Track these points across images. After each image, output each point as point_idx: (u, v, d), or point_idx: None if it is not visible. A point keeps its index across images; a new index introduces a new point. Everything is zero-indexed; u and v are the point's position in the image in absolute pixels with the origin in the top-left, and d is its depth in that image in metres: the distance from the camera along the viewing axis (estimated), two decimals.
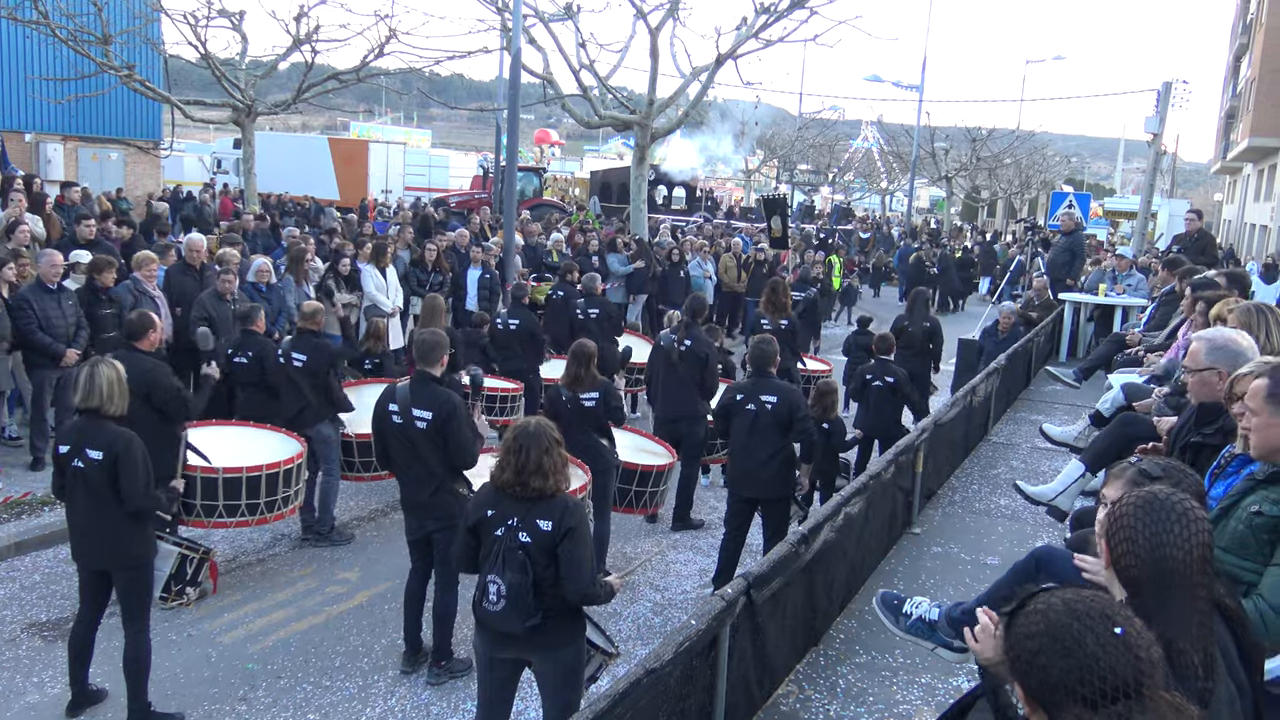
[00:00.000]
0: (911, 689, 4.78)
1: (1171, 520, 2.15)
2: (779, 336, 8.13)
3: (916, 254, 26.12)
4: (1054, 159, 55.29)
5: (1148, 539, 2.14)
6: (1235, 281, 6.91)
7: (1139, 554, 2.15)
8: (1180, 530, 2.14)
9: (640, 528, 8.70)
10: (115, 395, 5.09)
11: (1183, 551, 2.13)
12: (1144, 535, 2.14)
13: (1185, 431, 4.04)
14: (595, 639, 4.60)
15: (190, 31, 18.00)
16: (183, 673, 5.93)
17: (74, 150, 23.01)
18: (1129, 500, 2.22)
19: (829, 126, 48.42)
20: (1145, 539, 2.14)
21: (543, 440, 4.24)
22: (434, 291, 12.33)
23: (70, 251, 9.98)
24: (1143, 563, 2.14)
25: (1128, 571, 2.17)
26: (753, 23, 17.53)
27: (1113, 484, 2.85)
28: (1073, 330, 13.46)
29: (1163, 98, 18.89)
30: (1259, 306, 4.57)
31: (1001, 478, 8.16)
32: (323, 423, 7.77)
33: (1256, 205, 39.85)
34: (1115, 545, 2.20)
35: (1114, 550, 2.21)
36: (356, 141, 39.75)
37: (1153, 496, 2.21)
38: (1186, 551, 2.13)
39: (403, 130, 62.22)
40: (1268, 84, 35.65)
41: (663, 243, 18.49)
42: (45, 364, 8.66)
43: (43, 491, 8.15)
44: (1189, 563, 2.13)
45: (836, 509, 5.28)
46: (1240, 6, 47.09)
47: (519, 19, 13.75)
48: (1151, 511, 2.17)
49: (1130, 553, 2.16)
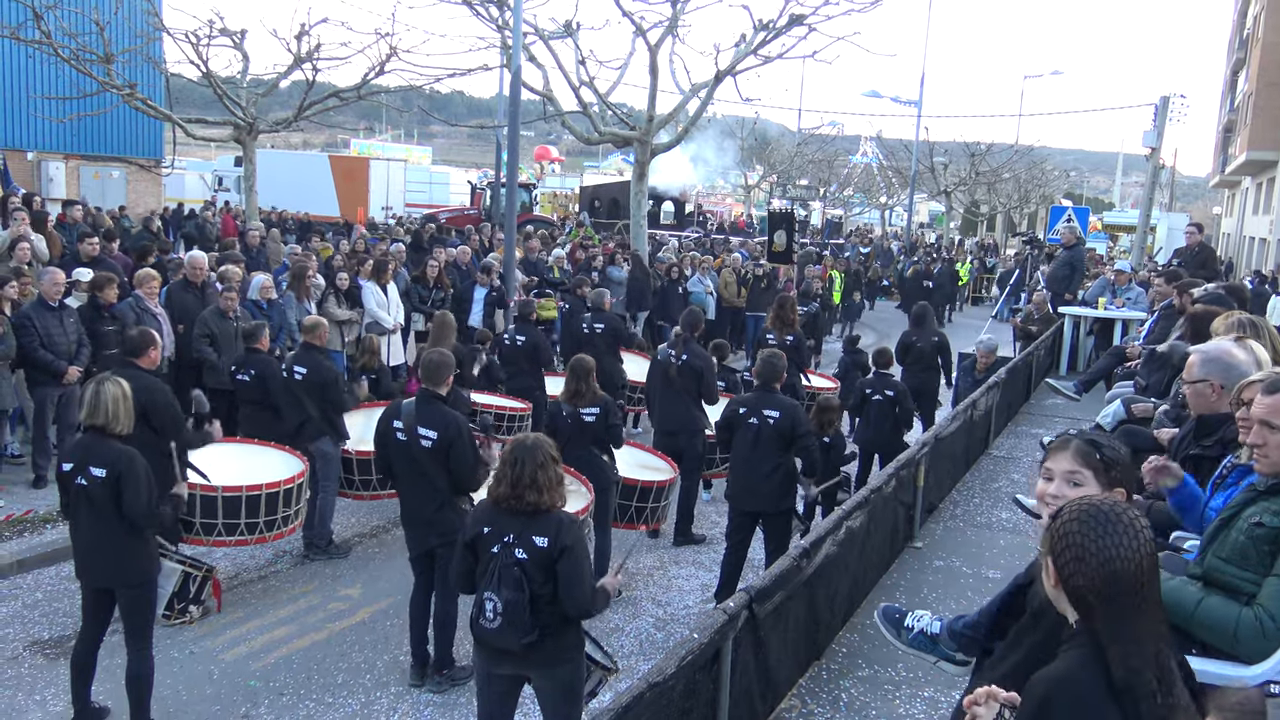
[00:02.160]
0: (914, 702, 4.78)
1: (1119, 531, 2.05)
2: (785, 352, 8.17)
3: (914, 267, 26.22)
4: (1053, 173, 55.46)
5: (1096, 553, 2.04)
6: (1233, 294, 6.93)
7: (1088, 570, 2.05)
8: (1129, 541, 2.04)
9: (642, 542, 8.69)
10: (121, 413, 5.11)
11: (1133, 564, 2.04)
12: (1093, 549, 2.05)
13: (1185, 444, 4.06)
14: (594, 654, 4.60)
15: (192, 50, 18.08)
16: (185, 690, 5.92)
17: (76, 168, 23.11)
18: (1071, 514, 2.11)
19: (828, 142, 48.56)
20: (1094, 553, 2.05)
21: (538, 455, 4.25)
22: (435, 308, 12.38)
23: (73, 269, 10.02)
24: (1092, 578, 2.05)
25: (1077, 589, 2.08)
26: (751, 40, 17.60)
27: (1057, 455, 2.82)
28: (1073, 344, 13.48)
29: (1160, 112, 18.97)
30: (1249, 319, 4.58)
31: (1002, 491, 8.16)
32: (324, 438, 7.78)
33: (1255, 218, 39.93)
34: (1063, 562, 2.09)
35: (1062, 568, 2.10)
36: (357, 159, 39.88)
37: (1095, 508, 2.10)
38: (1136, 563, 2.04)
39: (403, 147, 62.42)
40: (1265, 98, 35.79)
41: (664, 258, 18.54)
42: (47, 381, 8.68)
43: (45, 509, 8.16)
44: (1139, 574, 2.04)
45: (838, 523, 5.29)
46: (1237, 22, 47.33)
47: (519, 37, 13.82)
48: (1097, 524, 2.07)
49: (1079, 570, 2.06)
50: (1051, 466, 2.83)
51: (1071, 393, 8.87)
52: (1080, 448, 2.79)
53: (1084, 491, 2.73)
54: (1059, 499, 2.78)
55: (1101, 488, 2.76)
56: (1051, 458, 2.86)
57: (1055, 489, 2.81)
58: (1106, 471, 2.74)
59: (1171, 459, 4.21)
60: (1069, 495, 2.75)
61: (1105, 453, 2.76)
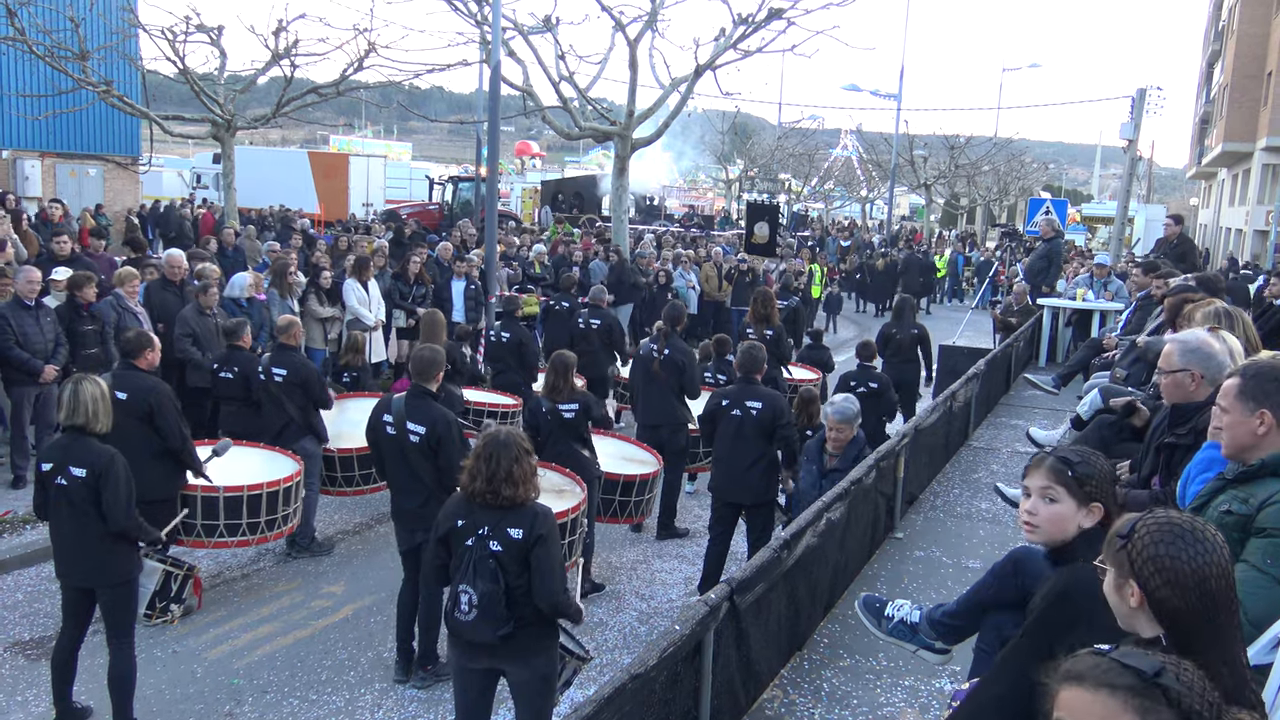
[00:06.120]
0: (895, 691, 4.82)
1: (1204, 545, 2.03)
2: (765, 346, 8.20)
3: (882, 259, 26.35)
4: (1031, 165, 55.78)
5: (1191, 571, 2.00)
6: (1205, 284, 6.99)
7: (1184, 585, 2.00)
8: (1215, 555, 2.03)
9: (625, 537, 8.72)
10: (100, 413, 5.09)
11: (1224, 578, 2.03)
12: (1187, 567, 2.00)
13: (1159, 432, 4.10)
14: (567, 644, 4.63)
15: (168, 46, 17.96)
16: (168, 689, 5.91)
17: (52, 166, 22.88)
18: (1150, 533, 2.06)
19: (808, 135, 48.67)
20: (1189, 571, 2.00)
21: (513, 449, 4.26)
22: (416, 305, 12.36)
23: (51, 269, 9.94)
24: (1188, 594, 1.99)
25: (1174, 611, 2.02)
26: (731, 34, 17.62)
27: (1033, 474, 2.90)
28: (1051, 335, 13.58)
29: (1137, 104, 19.04)
30: (1225, 309, 4.64)
31: (982, 482, 8.22)
32: (306, 438, 7.77)
33: (1231, 209, 40.32)
34: (1153, 584, 2.03)
35: (1153, 590, 2.03)
36: (337, 155, 39.64)
37: (1173, 524, 2.06)
38: (1226, 576, 2.03)
39: (383, 143, 62.01)
40: (1240, 90, 36.13)
41: (643, 253, 18.55)
42: (24, 381, 8.61)
43: (24, 510, 8.11)
44: (1229, 588, 2.04)
45: (819, 514, 5.32)
46: (1212, 14, 47.71)
47: (498, 32, 13.77)
48: (1182, 541, 2.03)
49: (1175, 592, 2.01)
50: (1028, 484, 2.91)
51: (1050, 387, 8.94)
52: (1053, 465, 2.87)
53: (1059, 508, 2.84)
54: (1034, 514, 2.89)
55: (1077, 503, 2.83)
56: (1029, 475, 2.94)
57: (1030, 505, 2.90)
58: (1080, 487, 2.82)
59: (1146, 448, 4.28)
60: (1044, 511, 2.86)
61: (1077, 469, 2.83)
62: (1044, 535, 2.88)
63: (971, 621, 3.59)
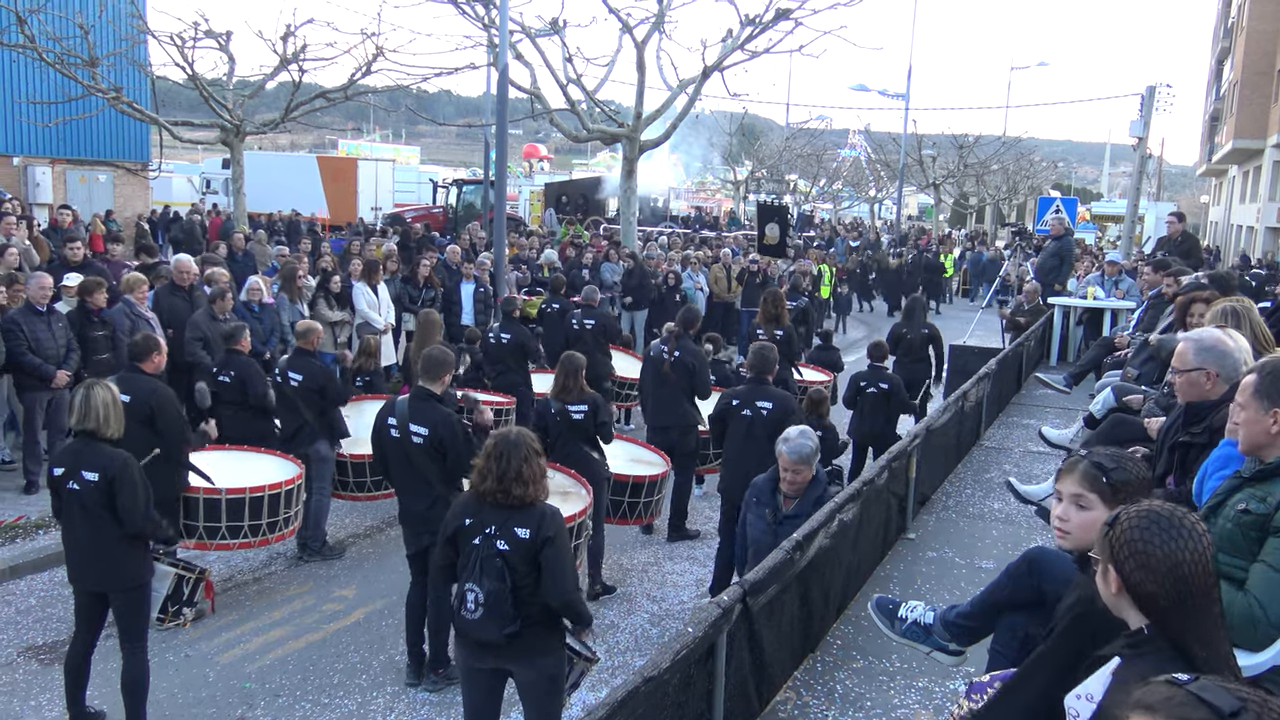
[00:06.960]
0: (909, 693, 4.79)
1: (1181, 534, 2.08)
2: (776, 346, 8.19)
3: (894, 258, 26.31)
4: (1040, 164, 55.54)
5: (1164, 557, 2.07)
6: (1218, 282, 6.95)
7: (1157, 571, 2.08)
8: (1192, 544, 2.08)
9: (636, 539, 8.71)
10: (111, 418, 5.09)
11: (1199, 566, 2.07)
12: (1160, 553, 2.07)
13: (1173, 431, 4.08)
14: (575, 645, 4.62)
15: (177, 53, 18.01)
16: (181, 693, 5.92)
17: (62, 173, 22.99)
18: (1130, 520, 2.14)
19: (816, 136, 48.58)
20: (1161, 557, 2.07)
21: (522, 448, 4.26)
22: (426, 307, 12.36)
23: (62, 275, 9.98)
24: (1161, 579, 2.07)
25: (1147, 595, 2.10)
26: (738, 35, 17.61)
27: (1065, 478, 2.82)
28: (1062, 334, 13.52)
29: (1147, 102, 18.95)
30: (1233, 308, 4.60)
31: (994, 482, 8.18)
32: (320, 441, 7.78)
33: (1242, 206, 40.13)
34: (1129, 569, 2.11)
35: (1127, 574, 2.12)
36: (345, 159, 39.75)
37: (1154, 513, 2.13)
38: (1202, 565, 2.08)
39: (391, 147, 62.16)
40: (1250, 87, 35.98)
41: (652, 254, 18.53)
42: (36, 386, 8.65)
43: (37, 515, 8.14)
44: (1205, 576, 2.08)
45: (831, 515, 5.30)
46: (1221, 11, 47.51)
47: (505, 35, 13.81)
48: (1159, 528, 2.10)
49: (1147, 576, 2.08)
50: (1060, 488, 2.83)
51: (1062, 386, 8.90)
52: (1087, 471, 2.77)
53: (1091, 515, 2.72)
54: (1066, 521, 2.79)
55: (1110, 510, 2.72)
56: (1060, 480, 2.85)
57: (1062, 510, 2.81)
58: (1114, 495, 2.70)
59: (1160, 447, 4.25)
60: (1075, 519, 2.76)
61: (1113, 476, 2.74)
62: (1075, 542, 2.78)
63: (986, 622, 3.57)
